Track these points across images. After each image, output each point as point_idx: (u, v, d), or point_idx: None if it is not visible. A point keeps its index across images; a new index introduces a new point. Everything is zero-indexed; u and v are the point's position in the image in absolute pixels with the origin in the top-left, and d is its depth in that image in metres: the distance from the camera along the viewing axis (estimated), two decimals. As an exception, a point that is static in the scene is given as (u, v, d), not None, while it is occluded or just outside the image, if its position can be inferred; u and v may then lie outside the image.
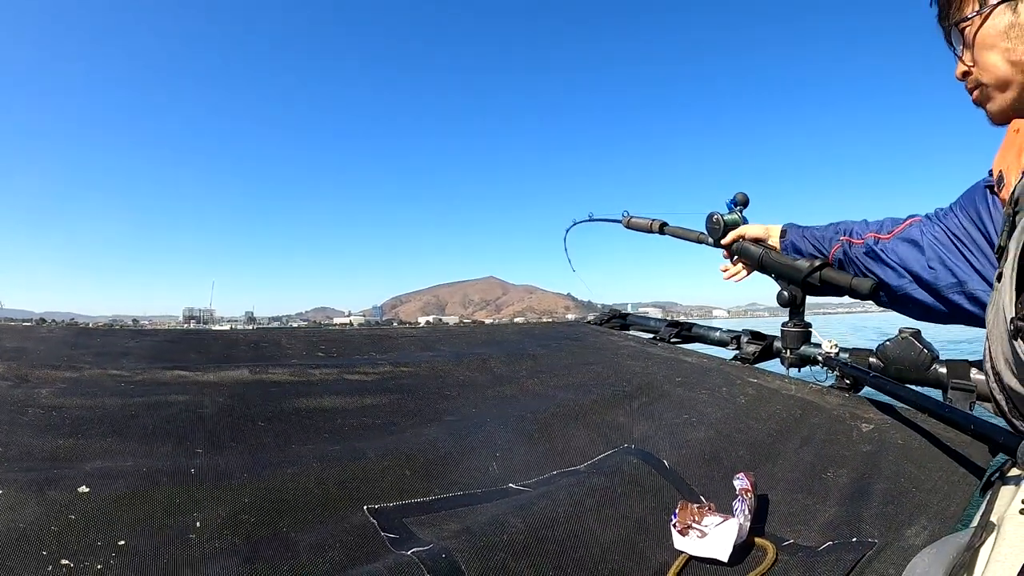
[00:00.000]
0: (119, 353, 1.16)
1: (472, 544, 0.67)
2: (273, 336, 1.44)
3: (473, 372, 1.35)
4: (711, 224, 1.63)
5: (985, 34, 0.87)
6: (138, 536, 0.61)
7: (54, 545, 0.57)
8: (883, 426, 1.17)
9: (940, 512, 0.88)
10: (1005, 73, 0.87)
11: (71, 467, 0.70)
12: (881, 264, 1.27)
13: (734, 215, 1.61)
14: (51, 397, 0.88)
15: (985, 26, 0.87)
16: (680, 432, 1.13)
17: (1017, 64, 0.85)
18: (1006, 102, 0.89)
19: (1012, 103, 0.89)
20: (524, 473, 0.91)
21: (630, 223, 1.92)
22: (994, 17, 0.86)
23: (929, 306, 1.20)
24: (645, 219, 1.87)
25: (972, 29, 0.89)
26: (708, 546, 0.74)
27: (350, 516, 0.72)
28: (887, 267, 1.26)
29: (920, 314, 1.25)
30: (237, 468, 0.77)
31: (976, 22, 0.88)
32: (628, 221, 1.93)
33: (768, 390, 1.38)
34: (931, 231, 1.16)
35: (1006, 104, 0.90)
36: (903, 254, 1.21)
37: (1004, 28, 0.85)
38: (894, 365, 1.28)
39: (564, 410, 1.17)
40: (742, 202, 1.61)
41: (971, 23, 0.89)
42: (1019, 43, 0.84)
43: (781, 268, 1.47)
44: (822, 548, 0.79)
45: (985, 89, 0.91)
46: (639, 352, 1.71)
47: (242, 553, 0.62)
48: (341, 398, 1.06)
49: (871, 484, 0.96)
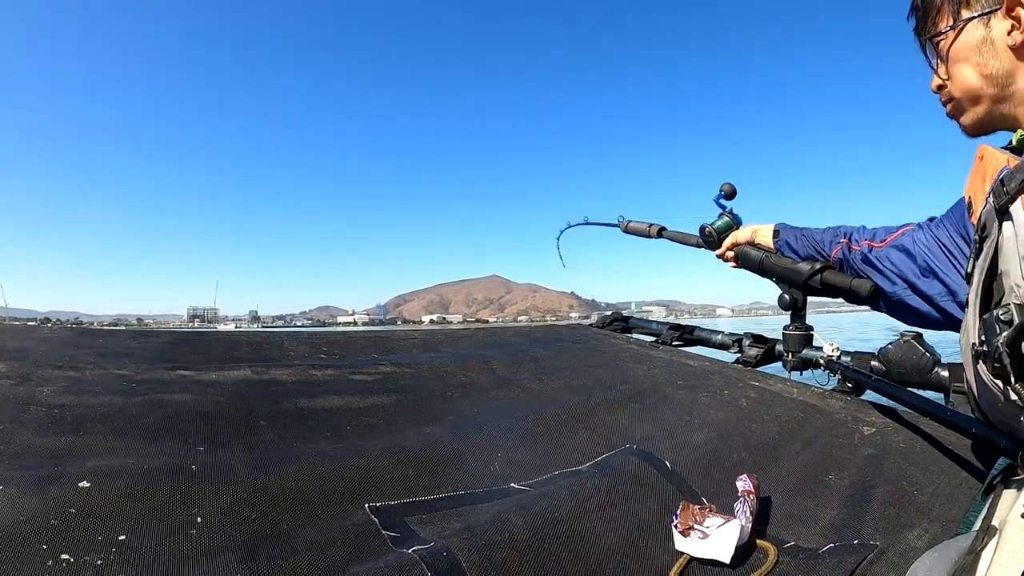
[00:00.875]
0: (121, 354, 1.16)
1: (473, 543, 0.67)
2: (275, 338, 1.44)
3: (475, 374, 1.35)
4: (704, 236, 1.65)
5: (958, 48, 0.89)
6: (138, 531, 0.61)
7: (54, 539, 0.57)
8: (885, 429, 1.17)
9: (942, 515, 0.88)
10: (976, 86, 0.88)
11: (72, 464, 0.70)
12: (876, 271, 1.28)
13: (725, 219, 1.62)
14: (53, 395, 0.88)
15: (958, 40, 0.88)
16: (682, 434, 1.13)
17: (988, 78, 0.86)
18: (977, 115, 0.91)
19: (983, 116, 0.90)
20: (526, 473, 0.91)
21: (628, 228, 1.92)
22: (967, 32, 0.87)
23: (924, 313, 1.20)
24: (643, 223, 1.87)
25: (946, 43, 0.90)
26: (710, 547, 0.74)
27: (351, 514, 0.72)
28: (882, 274, 1.27)
29: (917, 320, 1.26)
30: (238, 465, 0.77)
31: (950, 36, 0.89)
32: (625, 226, 1.92)
33: (770, 393, 1.38)
34: (922, 240, 1.17)
35: (977, 117, 0.91)
36: (896, 262, 1.22)
37: (976, 43, 0.87)
38: (896, 368, 1.28)
39: (566, 412, 1.17)
40: (728, 193, 1.60)
41: (945, 37, 0.90)
42: (990, 57, 0.86)
43: (782, 272, 1.47)
44: (823, 550, 0.78)
45: (958, 102, 0.93)
46: (641, 355, 1.71)
47: (243, 549, 0.62)
48: (343, 398, 1.06)
49: (873, 487, 0.96)
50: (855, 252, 1.33)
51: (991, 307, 0.69)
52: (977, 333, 0.70)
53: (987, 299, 0.72)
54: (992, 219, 0.72)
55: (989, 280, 0.72)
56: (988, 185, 0.79)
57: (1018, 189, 0.67)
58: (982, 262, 0.73)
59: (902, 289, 1.23)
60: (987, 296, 0.72)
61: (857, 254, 1.33)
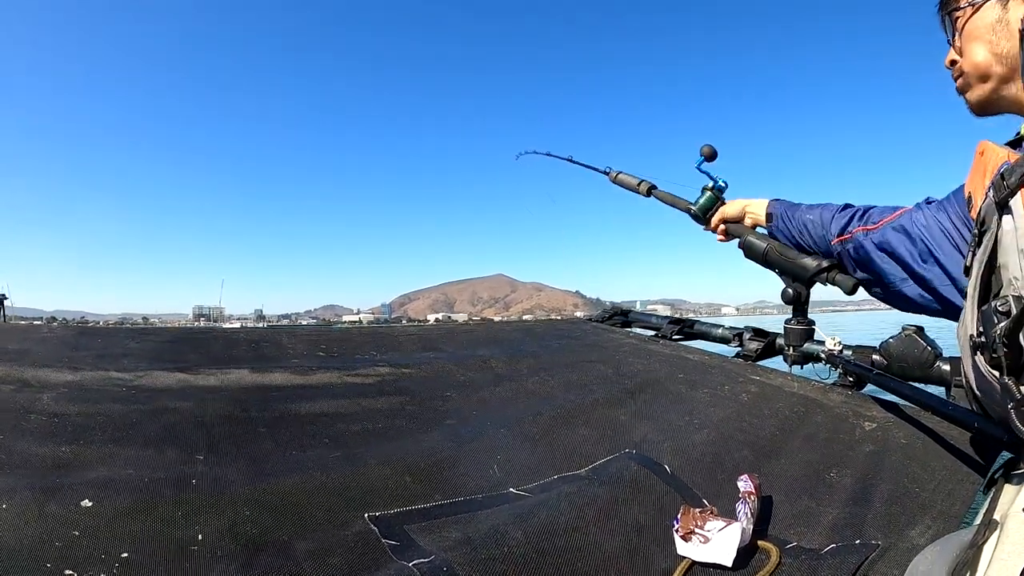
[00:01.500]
0: (120, 354, 1.15)
1: (473, 556, 0.67)
2: (274, 336, 1.44)
3: (474, 372, 1.34)
4: (692, 216, 1.57)
5: (974, 24, 0.92)
6: (140, 548, 0.61)
7: (58, 555, 0.58)
8: (886, 424, 1.17)
9: (944, 512, 0.88)
10: (986, 64, 0.91)
11: (73, 476, 0.70)
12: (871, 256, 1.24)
13: (708, 194, 1.55)
14: (53, 403, 0.88)
15: (975, 17, 0.91)
16: (682, 433, 1.13)
17: (998, 56, 0.89)
18: (984, 93, 0.93)
19: (989, 94, 0.93)
20: (525, 477, 0.91)
21: (617, 179, 1.77)
22: (985, 10, 0.90)
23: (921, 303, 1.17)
24: (633, 177, 1.73)
25: (964, 19, 0.93)
26: (711, 551, 0.74)
27: (351, 524, 0.72)
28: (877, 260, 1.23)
29: (913, 308, 1.21)
30: (238, 477, 0.77)
31: (968, 12, 0.93)
32: (615, 176, 1.77)
33: (771, 388, 1.37)
34: (922, 222, 1.13)
35: (983, 95, 0.94)
36: (895, 243, 1.18)
37: (992, 22, 0.89)
38: (897, 362, 1.28)
39: (565, 411, 1.17)
40: (708, 155, 1.51)
41: (963, 12, 0.93)
42: (1003, 38, 0.88)
43: (786, 265, 1.45)
44: (825, 551, 0.78)
45: (967, 78, 0.95)
46: (640, 349, 1.70)
47: (242, 561, 0.62)
48: (341, 402, 1.06)
49: (874, 484, 0.96)
50: (847, 242, 1.29)
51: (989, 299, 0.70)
52: (975, 324, 0.70)
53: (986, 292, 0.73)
54: (992, 212, 0.72)
55: (988, 273, 0.73)
56: (988, 180, 0.79)
57: (1018, 183, 0.68)
58: (981, 255, 0.73)
59: (899, 278, 1.20)
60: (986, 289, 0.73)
61: (850, 243, 1.28)
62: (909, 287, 1.18)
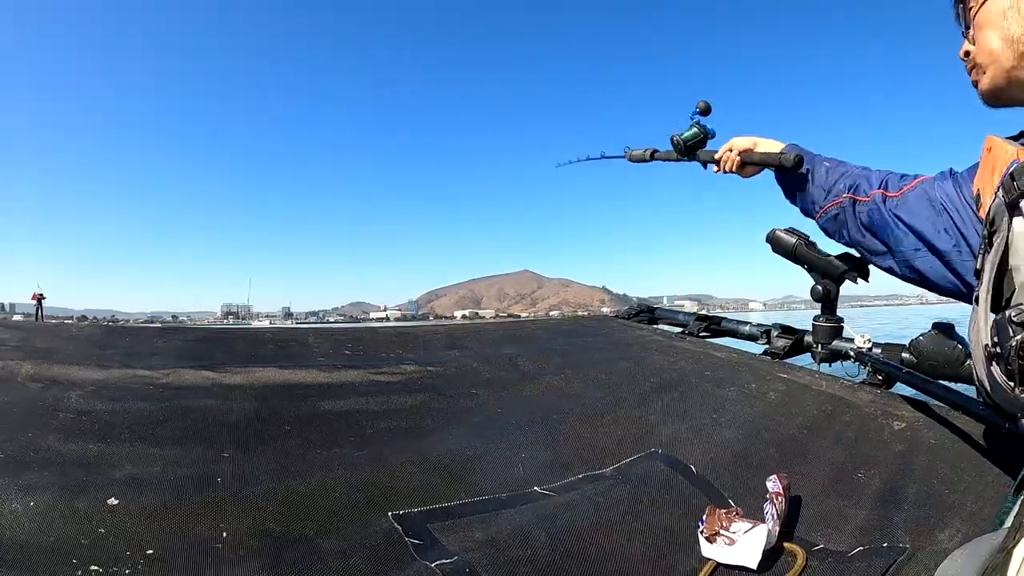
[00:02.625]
0: (147, 353, 1.15)
1: (496, 559, 0.67)
2: (300, 335, 1.45)
3: (499, 371, 1.35)
4: (673, 145, 1.62)
5: (987, 12, 0.91)
6: (166, 546, 0.62)
7: (84, 552, 0.59)
8: (915, 424, 1.15)
9: (974, 514, 0.86)
10: (997, 49, 0.90)
11: (100, 474, 0.71)
12: (889, 226, 1.17)
13: (693, 129, 1.58)
14: (80, 401, 0.89)
15: (987, 5, 0.91)
16: (708, 432, 1.12)
17: (1008, 41, 0.88)
18: (995, 80, 0.92)
19: (1000, 81, 0.92)
20: (549, 476, 0.91)
21: (631, 156, 1.89)
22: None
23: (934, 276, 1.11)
24: (641, 151, 1.85)
25: (976, 8, 0.93)
26: (736, 553, 0.73)
27: (375, 522, 0.73)
28: (896, 229, 1.16)
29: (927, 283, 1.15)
30: (263, 474, 0.78)
31: (979, 1, 0.92)
32: (629, 155, 1.90)
33: (798, 386, 1.36)
34: (947, 191, 1.09)
35: (994, 83, 0.92)
36: (917, 213, 1.12)
37: (1003, 9, 0.89)
38: (927, 360, 1.26)
39: (591, 409, 1.17)
40: (703, 110, 1.56)
41: (975, 2, 0.93)
42: (1015, 22, 0.88)
43: (815, 262, 1.44)
44: (853, 553, 0.78)
45: (979, 67, 0.94)
46: (667, 347, 1.70)
47: (267, 559, 0.63)
48: (367, 400, 1.07)
49: (903, 486, 0.95)
50: (862, 204, 1.23)
51: (1001, 303, 0.69)
52: (989, 334, 0.69)
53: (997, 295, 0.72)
54: (1002, 213, 0.71)
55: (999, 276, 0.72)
56: (997, 177, 0.78)
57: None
58: (992, 257, 0.72)
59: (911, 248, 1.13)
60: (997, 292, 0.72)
61: (864, 206, 1.22)
62: (921, 259, 1.12)
